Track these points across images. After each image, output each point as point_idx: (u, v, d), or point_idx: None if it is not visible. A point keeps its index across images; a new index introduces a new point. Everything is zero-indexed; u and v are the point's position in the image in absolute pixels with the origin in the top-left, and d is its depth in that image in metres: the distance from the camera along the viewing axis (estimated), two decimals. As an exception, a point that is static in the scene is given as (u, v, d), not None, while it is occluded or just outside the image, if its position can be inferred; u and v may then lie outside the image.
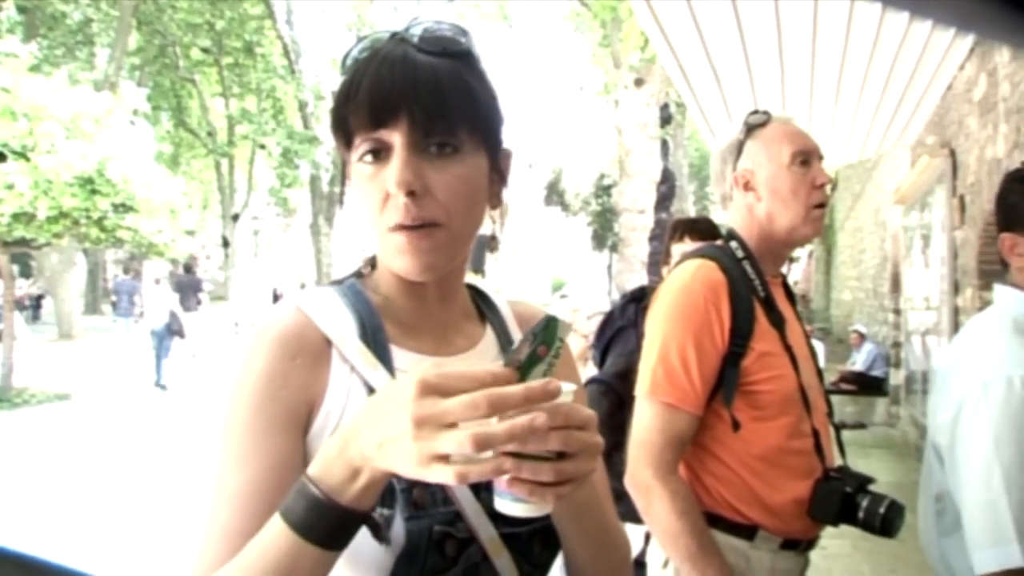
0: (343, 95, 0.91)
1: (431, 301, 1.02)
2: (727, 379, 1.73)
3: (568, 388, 0.75)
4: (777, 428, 1.74)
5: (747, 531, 1.74)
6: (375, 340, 0.95)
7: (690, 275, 1.79)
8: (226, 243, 32.24)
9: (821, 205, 1.83)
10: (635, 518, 1.74)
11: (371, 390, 0.92)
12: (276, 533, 0.77)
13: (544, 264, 32.38)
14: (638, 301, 2.92)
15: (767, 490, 1.74)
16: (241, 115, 28.12)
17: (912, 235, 8.26)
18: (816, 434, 1.79)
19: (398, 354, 0.97)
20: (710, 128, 6.34)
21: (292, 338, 0.92)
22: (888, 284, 9.75)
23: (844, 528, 1.79)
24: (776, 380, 1.74)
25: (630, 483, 1.73)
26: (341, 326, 0.95)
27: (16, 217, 10.01)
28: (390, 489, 0.88)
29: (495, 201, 1.02)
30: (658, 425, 1.71)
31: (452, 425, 0.68)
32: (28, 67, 11.05)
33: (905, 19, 4.32)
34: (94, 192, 10.43)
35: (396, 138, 0.88)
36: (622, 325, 2.93)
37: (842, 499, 1.73)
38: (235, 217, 32.30)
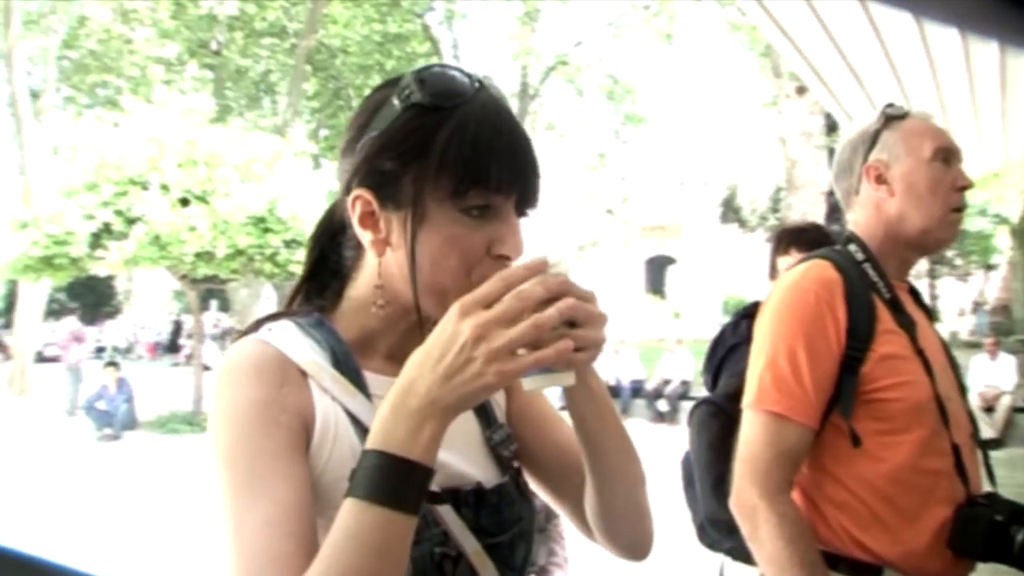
0: (475, 139, 0.88)
1: (411, 332, 1.00)
2: (844, 387, 1.52)
3: (560, 259, 0.83)
4: (908, 443, 1.51)
5: (872, 571, 1.51)
6: (348, 368, 0.96)
7: (800, 274, 1.62)
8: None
9: (959, 209, 1.64)
10: (748, 556, 1.56)
11: (352, 417, 0.93)
12: (358, 515, 0.77)
13: (719, 283, 31.56)
14: (752, 317, 2.73)
15: (897, 518, 1.50)
16: (413, 149, 29.11)
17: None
18: (957, 451, 1.54)
19: (372, 379, 0.97)
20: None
21: (273, 369, 0.92)
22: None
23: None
24: (905, 387, 1.52)
25: (735, 505, 1.54)
26: (314, 358, 0.94)
27: (198, 256, 10.85)
28: None
29: None
30: (765, 438, 1.52)
31: (508, 323, 0.76)
32: (209, 119, 11.98)
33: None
34: (266, 230, 11.15)
35: (507, 203, 0.91)
36: (735, 343, 2.73)
37: (990, 528, 1.48)
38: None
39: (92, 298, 28.85)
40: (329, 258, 1.05)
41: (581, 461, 1.00)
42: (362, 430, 0.90)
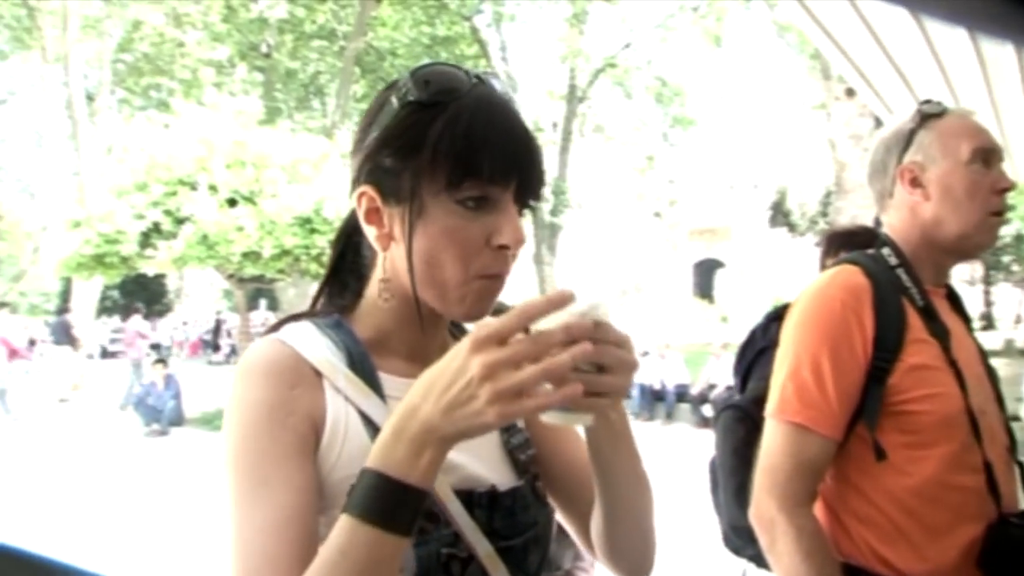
0: (468, 131, 0.89)
1: (420, 332, 1.02)
2: (870, 398, 1.48)
3: (600, 302, 0.81)
4: (936, 457, 1.46)
5: None
6: (363, 368, 0.97)
7: (827, 280, 1.58)
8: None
9: (999, 213, 1.57)
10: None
11: (364, 417, 0.94)
12: (351, 532, 0.77)
13: (767, 287, 31.20)
14: (782, 319, 2.68)
15: (922, 534, 1.46)
16: (461, 150, 29.22)
17: None
18: (989, 468, 1.49)
19: (387, 380, 0.98)
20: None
21: (287, 370, 0.93)
22: None
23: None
24: (934, 399, 1.47)
25: (754, 516, 1.52)
26: (329, 358, 0.96)
27: (245, 256, 11.01)
28: None
29: None
30: (786, 449, 1.49)
31: (519, 365, 0.74)
32: (258, 121, 12.16)
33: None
34: (312, 231, 11.24)
35: (505, 194, 0.92)
36: (764, 346, 2.67)
37: (1021, 549, 1.43)
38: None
39: (144, 296, 29.41)
40: (348, 258, 1.06)
41: (592, 482, 1.01)
42: (375, 430, 0.90)
